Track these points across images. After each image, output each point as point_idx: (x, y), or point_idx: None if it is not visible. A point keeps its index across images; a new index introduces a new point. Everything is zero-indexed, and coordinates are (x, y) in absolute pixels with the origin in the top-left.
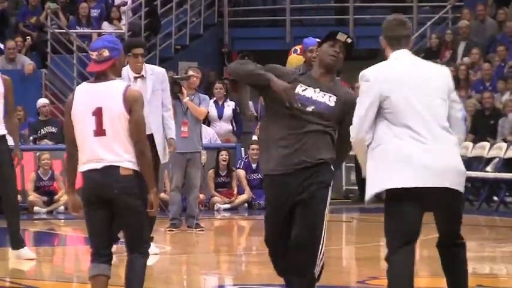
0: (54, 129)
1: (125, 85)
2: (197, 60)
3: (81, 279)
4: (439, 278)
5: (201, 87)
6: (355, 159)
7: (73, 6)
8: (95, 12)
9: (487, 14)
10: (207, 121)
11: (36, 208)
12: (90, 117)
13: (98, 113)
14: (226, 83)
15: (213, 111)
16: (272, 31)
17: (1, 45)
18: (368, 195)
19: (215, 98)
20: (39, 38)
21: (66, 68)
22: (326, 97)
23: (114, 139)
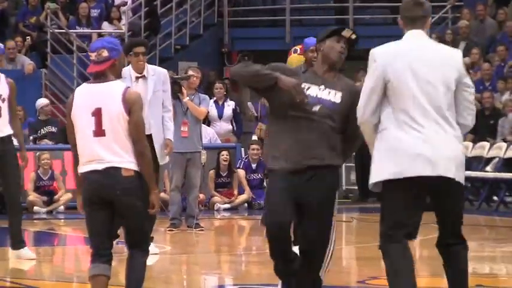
0: (54, 129)
1: (124, 86)
2: (197, 60)
3: (81, 279)
4: (439, 278)
5: (201, 87)
6: (355, 159)
7: (73, 6)
8: (95, 12)
9: (487, 14)
10: (207, 121)
11: (36, 208)
12: (89, 117)
13: (97, 114)
14: (226, 83)
15: (213, 111)
16: (272, 31)
17: (1, 45)
18: (369, 183)
19: (215, 98)
20: (39, 38)
21: (66, 68)
22: (332, 94)
23: (113, 139)
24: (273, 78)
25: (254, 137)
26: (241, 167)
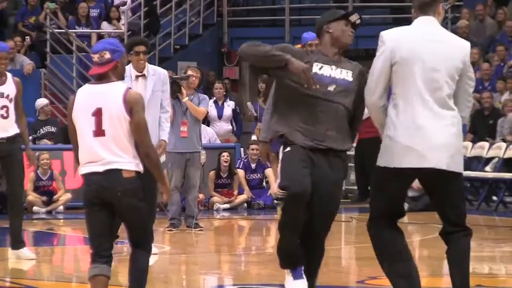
0: (53, 129)
1: (126, 87)
2: (196, 60)
3: (80, 279)
4: (439, 278)
5: (201, 87)
6: (354, 159)
7: (72, 6)
8: (94, 12)
9: (487, 14)
10: (207, 121)
11: (35, 208)
12: (90, 118)
13: (98, 114)
14: (225, 83)
15: (213, 111)
16: (271, 31)
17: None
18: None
19: (215, 98)
20: (38, 38)
21: (65, 68)
22: (344, 73)
23: (113, 140)
24: (283, 59)
25: (253, 137)
26: (240, 167)
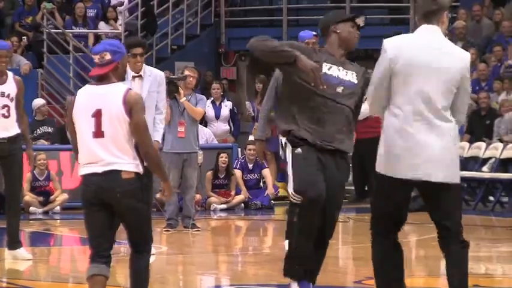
0: (50, 129)
1: (126, 88)
2: (194, 60)
3: (77, 279)
4: (436, 278)
5: (198, 87)
6: (352, 159)
7: (69, 6)
8: (91, 12)
9: (484, 15)
10: (204, 121)
11: (32, 208)
12: (89, 119)
13: (98, 115)
14: (223, 83)
15: (210, 111)
16: (269, 31)
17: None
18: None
19: (212, 98)
20: (35, 38)
21: (62, 68)
22: (349, 74)
23: (112, 141)
24: (293, 56)
25: (251, 138)
26: (237, 168)
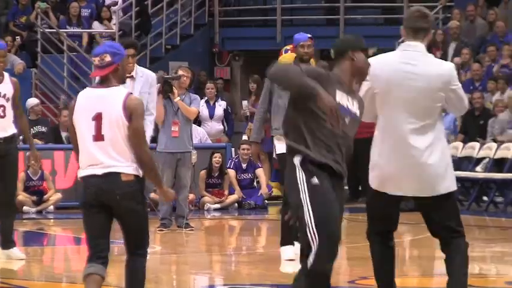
0: (44, 128)
1: (126, 92)
2: (188, 60)
3: (70, 279)
4: (429, 278)
5: (192, 87)
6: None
7: (63, 5)
8: (86, 12)
9: (478, 15)
10: (198, 121)
11: (25, 208)
12: (90, 122)
13: (98, 119)
14: (217, 83)
15: (204, 111)
16: (263, 31)
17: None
18: None
19: (206, 98)
20: (29, 38)
21: (56, 68)
22: (355, 105)
23: (111, 144)
24: (313, 93)
25: (245, 137)
26: (231, 167)
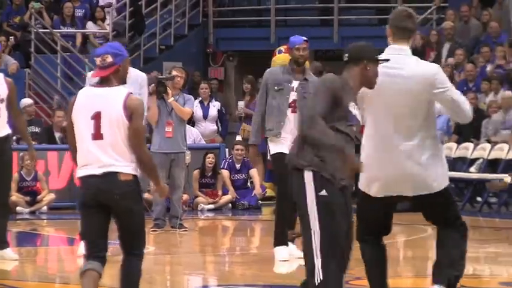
0: (37, 129)
1: (127, 92)
2: (182, 60)
3: (64, 279)
4: (423, 278)
5: (186, 87)
6: None
7: (57, 6)
8: (79, 12)
9: (472, 15)
10: (192, 121)
11: (18, 208)
12: (89, 120)
13: (97, 117)
14: (211, 83)
15: (198, 111)
16: (257, 31)
17: None
18: None
19: (200, 98)
20: (23, 38)
21: (50, 68)
22: (357, 111)
23: (110, 144)
24: (342, 155)
25: (238, 138)
26: (225, 168)
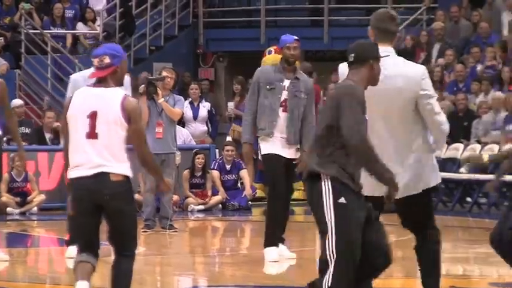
0: (27, 130)
1: (123, 94)
2: (172, 61)
3: (54, 280)
4: (413, 279)
5: (176, 88)
6: None
7: (47, 6)
8: (70, 13)
9: (462, 16)
10: (182, 122)
11: (9, 209)
12: (84, 119)
13: (93, 116)
14: (201, 84)
15: (188, 112)
16: (247, 32)
17: None
18: None
19: (190, 99)
20: (13, 39)
21: (40, 69)
22: None
23: (105, 143)
24: (390, 176)
25: (229, 138)
26: (215, 168)
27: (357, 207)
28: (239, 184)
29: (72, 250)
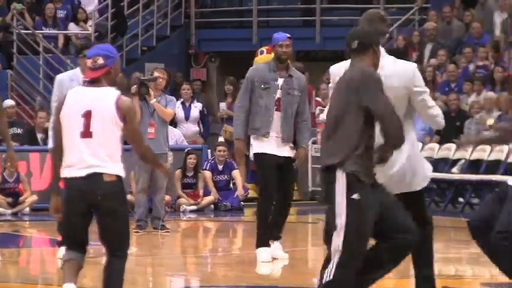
0: (19, 130)
1: (117, 93)
2: (164, 61)
3: (46, 281)
4: (407, 279)
5: (168, 88)
6: None
7: (39, 7)
8: (61, 13)
9: (454, 16)
10: (174, 122)
11: (1, 210)
12: (79, 118)
13: (87, 116)
14: (193, 84)
15: (180, 112)
16: (239, 32)
17: None
18: None
19: (182, 99)
20: (4, 39)
21: (32, 69)
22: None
23: (99, 142)
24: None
25: (221, 139)
26: (207, 169)
27: (371, 203)
28: (231, 184)
29: (64, 251)
